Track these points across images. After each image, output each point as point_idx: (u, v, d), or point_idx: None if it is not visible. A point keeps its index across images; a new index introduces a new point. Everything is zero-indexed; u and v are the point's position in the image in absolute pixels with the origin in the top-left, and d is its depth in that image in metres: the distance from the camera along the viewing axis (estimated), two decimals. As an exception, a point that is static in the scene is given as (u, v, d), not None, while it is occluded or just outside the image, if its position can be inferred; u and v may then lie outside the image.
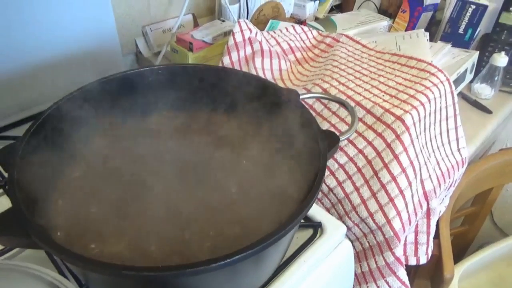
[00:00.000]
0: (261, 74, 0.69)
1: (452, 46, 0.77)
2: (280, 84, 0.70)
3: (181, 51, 0.74)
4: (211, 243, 0.38)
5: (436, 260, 0.65)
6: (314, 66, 0.74)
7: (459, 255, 0.99)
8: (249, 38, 0.69)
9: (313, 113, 0.60)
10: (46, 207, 0.39)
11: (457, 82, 0.73)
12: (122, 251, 0.37)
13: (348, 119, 0.58)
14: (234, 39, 0.69)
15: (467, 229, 0.98)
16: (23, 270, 0.38)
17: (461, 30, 0.86)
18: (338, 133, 0.44)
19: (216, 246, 0.38)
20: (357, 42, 0.74)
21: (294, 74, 0.73)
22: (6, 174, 0.51)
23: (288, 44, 0.77)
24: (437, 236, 0.66)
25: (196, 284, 0.34)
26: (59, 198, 0.41)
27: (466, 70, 0.74)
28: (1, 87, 0.60)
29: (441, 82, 0.60)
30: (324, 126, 0.58)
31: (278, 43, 0.76)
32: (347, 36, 0.75)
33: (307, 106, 0.55)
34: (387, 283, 0.53)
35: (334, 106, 0.60)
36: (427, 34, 0.77)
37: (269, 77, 0.71)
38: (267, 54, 0.70)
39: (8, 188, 0.32)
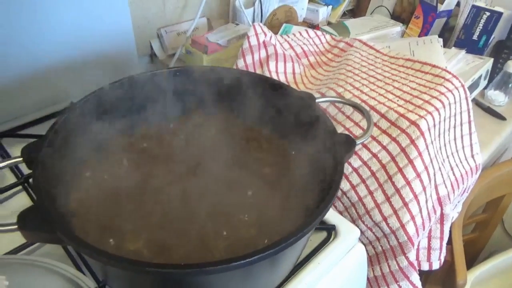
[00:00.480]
0: (275, 77, 0.70)
1: (466, 52, 0.77)
2: (294, 87, 0.70)
3: (196, 53, 0.75)
4: (227, 243, 0.38)
5: (448, 266, 0.64)
6: (328, 70, 0.75)
7: (469, 262, 0.98)
8: (264, 42, 0.70)
9: (327, 117, 0.61)
10: (66, 204, 0.40)
11: (471, 88, 0.73)
12: (140, 248, 0.37)
13: (362, 123, 0.58)
14: (249, 42, 0.69)
15: (477, 236, 0.97)
16: (43, 265, 0.39)
17: (475, 37, 0.85)
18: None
19: (231, 246, 0.38)
20: (371, 47, 0.74)
21: (307, 78, 0.73)
22: (25, 172, 0.53)
23: (302, 48, 0.77)
24: (449, 242, 0.66)
25: (213, 283, 0.34)
26: (79, 195, 0.41)
27: (480, 76, 0.74)
28: (18, 86, 0.61)
29: (456, 88, 0.60)
30: (338, 130, 0.59)
31: (292, 47, 0.77)
32: (360, 41, 0.76)
33: (322, 110, 0.55)
34: (400, 287, 0.53)
35: (348, 110, 0.60)
36: (441, 40, 0.77)
37: (282, 80, 0.71)
38: (281, 57, 0.71)
39: (33, 184, 0.33)
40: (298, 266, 0.45)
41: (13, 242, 0.43)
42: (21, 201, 0.50)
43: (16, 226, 0.32)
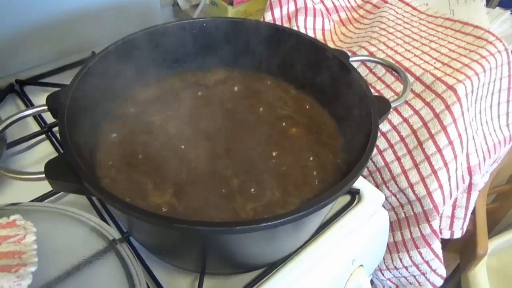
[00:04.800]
0: (303, 33, 0.66)
1: (511, 13, 0.71)
2: (322, 45, 0.67)
3: (221, 4, 0.72)
4: (255, 205, 0.38)
5: (469, 235, 0.64)
6: (359, 28, 0.71)
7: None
8: (294, -6, 0.66)
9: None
10: (92, 154, 0.40)
11: (513, 52, 0.68)
12: (165, 203, 0.37)
13: (394, 85, 0.55)
14: (278, -6, 0.65)
15: (497, 207, 0.95)
16: (69, 214, 0.39)
17: (521, -4, 0.79)
18: (387, 100, 0.42)
19: (258, 208, 0.37)
20: (407, 4, 0.70)
21: (337, 35, 0.70)
22: (48, 121, 0.52)
23: (333, 2, 0.73)
24: (472, 211, 0.64)
25: (240, 242, 0.34)
26: (105, 146, 0.41)
27: (524, 40, 0.69)
28: (39, 33, 0.60)
29: (499, 51, 0.56)
30: (368, 91, 0.56)
31: (322, 1, 0.72)
32: (396, -3, 0.71)
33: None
34: (420, 254, 0.53)
35: (380, 71, 0.57)
36: (484, -2, 0.71)
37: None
38: (311, 12, 0.67)
39: (60, 134, 0.33)
40: (321, 228, 0.44)
41: (39, 190, 0.44)
42: (45, 149, 0.50)
43: (43, 175, 0.31)
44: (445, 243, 0.71)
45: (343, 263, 0.46)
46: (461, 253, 0.68)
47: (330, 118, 0.46)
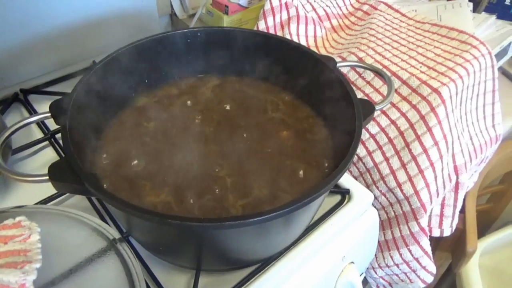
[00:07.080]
0: (295, 41, 0.69)
1: (496, 18, 0.73)
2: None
3: (216, 13, 0.74)
4: (244, 202, 0.40)
5: (459, 234, 0.65)
6: (350, 34, 0.73)
7: (481, 232, 0.99)
8: (286, 3, 0.69)
9: (347, 82, 0.60)
10: (92, 156, 0.42)
11: (499, 56, 0.70)
12: (160, 201, 0.39)
13: (383, 89, 0.57)
14: (271, 3, 0.68)
15: (492, 207, 0.97)
16: (71, 215, 0.41)
17: (507, 1, 0.81)
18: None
19: (248, 206, 0.39)
20: (396, 11, 0.72)
21: (329, 42, 0.72)
22: (51, 128, 0.55)
23: (324, 10, 0.75)
24: (462, 210, 0.66)
25: (229, 239, 0.36)
26: (103, 150, 0.43)
27: (509, 44, 0.71)
28: (42, 44, 0.62)
29: (482, 55, 0.58)
30: (358, 95, 0.58)
31: (314, 9, 0.75)
32: (385, 4, 0.73)
33: (342, 74, 0.54)
34: (410, 251, 0.55)
35: (369, 75, 0.59)
36: (471, 4, 0.73)
37: (303, 43, 0.70)
38: (303, 20, 0.70)
39: (62, 138, 0.35)
40: (312, 227, 0.46)
41: (42, 193, 0.46)
42: (48, 155, 0.53)
43: (47, 177, 0.34)
44: (437, 242, 0.72)
45: (333, 260, 0.48)
46: (452, 251, 0.70)
47: (319, 121, 0.48)
